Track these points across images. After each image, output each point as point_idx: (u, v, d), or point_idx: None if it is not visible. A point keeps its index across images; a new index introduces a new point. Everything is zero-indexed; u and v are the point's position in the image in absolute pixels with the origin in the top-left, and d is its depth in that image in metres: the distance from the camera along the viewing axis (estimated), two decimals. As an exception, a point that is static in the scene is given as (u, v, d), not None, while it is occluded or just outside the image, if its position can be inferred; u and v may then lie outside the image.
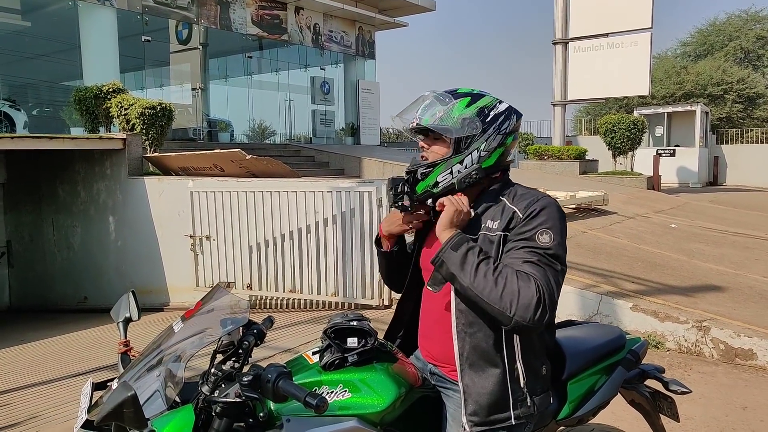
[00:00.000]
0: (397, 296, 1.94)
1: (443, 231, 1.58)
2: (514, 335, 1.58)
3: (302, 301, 6.47)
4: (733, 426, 3.41)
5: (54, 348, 6.25)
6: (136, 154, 8.22)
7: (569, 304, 4.93)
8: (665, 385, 1.96)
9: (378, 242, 1.92)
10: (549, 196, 1.65)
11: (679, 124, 20.08)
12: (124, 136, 8.13)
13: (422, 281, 1.81)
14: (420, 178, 1.65)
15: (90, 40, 12.70)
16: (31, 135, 8.26)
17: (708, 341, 4.42)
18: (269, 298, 6.65)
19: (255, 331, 1.72)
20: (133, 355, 1.69)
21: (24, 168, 9.41)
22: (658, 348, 4.56)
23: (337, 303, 6.21)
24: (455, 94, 1.68)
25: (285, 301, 6.61)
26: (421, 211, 1.74)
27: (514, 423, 1.58)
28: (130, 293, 1.83)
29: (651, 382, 2.02)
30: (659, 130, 19.97)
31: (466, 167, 1.63)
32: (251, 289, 6.57)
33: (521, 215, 1.57)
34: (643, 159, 16.38)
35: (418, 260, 1.84)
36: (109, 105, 9.25)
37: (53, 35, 14.84)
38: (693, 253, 7.07)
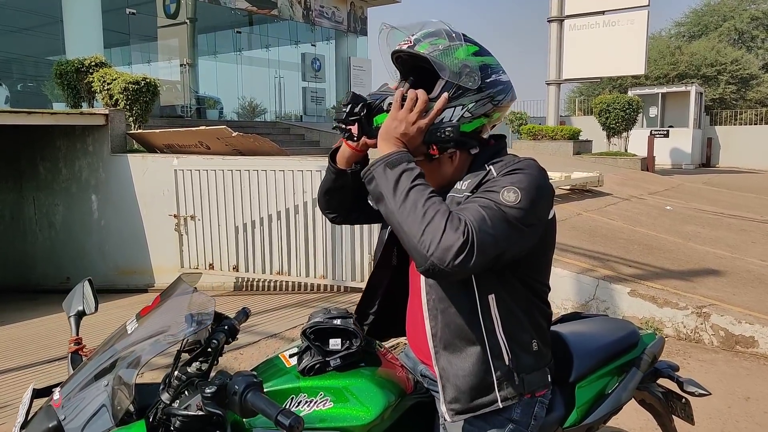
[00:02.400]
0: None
1: (384, 141, 1.33)
2: (491, 304, 1.36)
3: (290, 284, 6.28)
4: (736, 418, 3.28)
5: (33, 331, 6.05)
6: (119, 131, 7.94)
7: (566, 289, 4.78)
8: (680, 385, 1.79)
9: (333, 156, 1.58)
10: (536, 161, 1.39)
11: (674, 104, 19.89)
12: (107, 112, 7.85)
13: (403, 252, 1.55)
14: (385, 108, 1.38)
15: (72, 13, 12.27)
16: (8, 110, 7.95)
17: (708, 328, 4.28)
18: (256, 280, 6.46)
19: (225, 327, 1.53)
20: (85, 355, 1.49)
21: (3, 144, 9.09)
22: (656, 335, 4.42)
23: (326, 285, 6.03)
24: (465, 38, 1.43)
25: (273, 284, 6.42)
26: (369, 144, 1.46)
27: (501, 406, 1.37)
28: (86, 282, 1.62)
29: (664, 381, 1.85)
30: (653, 111, 19.79)
31: (442, 120, 1.36)
32: (237, 270, 6.37)
33: (495, 174, 1.34)
34: (637, 140, 16.20)
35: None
36: (91, 79, 8.92)
37: (35, 8, 14.37)
38: (689, 235, 6.94)
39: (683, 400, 1.82)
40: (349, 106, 1.38)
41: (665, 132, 16.93)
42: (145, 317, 1.32)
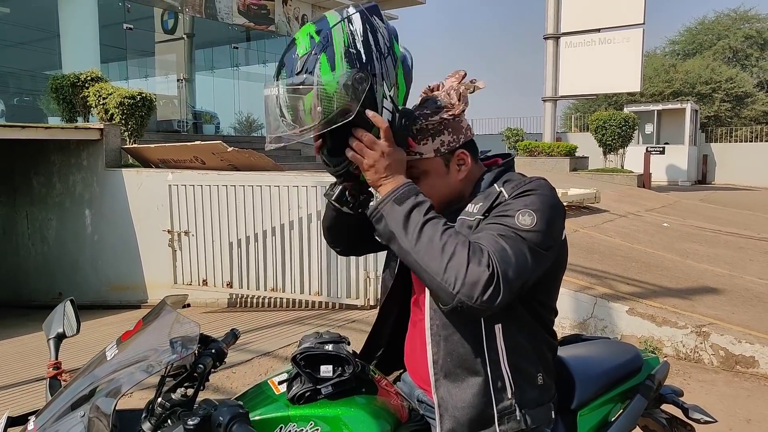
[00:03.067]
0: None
1: (381, 180, 1.26)
2: (497, 333, 1.30)
3: (285, 301, 6.20)
4: (739, 441, 3.21)
5: (21, 348, 5.94)
6: (114, 145, 7.89)
7: (563, 307, 4.72)
8: (685, 411, 1.73)
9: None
10: (546, 180, 1.35)
11: (669, 122, 19.99)
12: (102, 126, 7.81)
13: (409, 283, 1.53)
14: (356, 172, 1.31)
15: (69, 28, 12.28)
16: (2, 124, 7.90)
17: (707, 347, 4.22)
18: (250, 296, 6.38)
19: (213, 350, 1.46)
20: (64, 380, 1.42)
21: (-4, 158, 9.03)
22: (655, 354, 4.35)
23: (321, 302, 5.95)
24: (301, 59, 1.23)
25: (267, 300, 6.34)
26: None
27: None
28: (67, 302, 1.56)
29: (668, 407, 1.79)
30: (649, 128, 19.88)
31: (390, 120, 1.27)
32: (231, 287, 6.29)
33: (507, 195, 1.29)
34: (633, 156, 16.24)
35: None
36: (86, 94, 8.90)
37: (32, 23, 14.37)
38: (687, 253, 6.89)
39: (688, 427, 1.76)
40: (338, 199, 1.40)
41: (661, 149, 16.97)
42: (126, 342, 1.25)
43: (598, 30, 14.95)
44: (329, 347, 1.33)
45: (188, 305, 6.81)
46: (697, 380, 3.97)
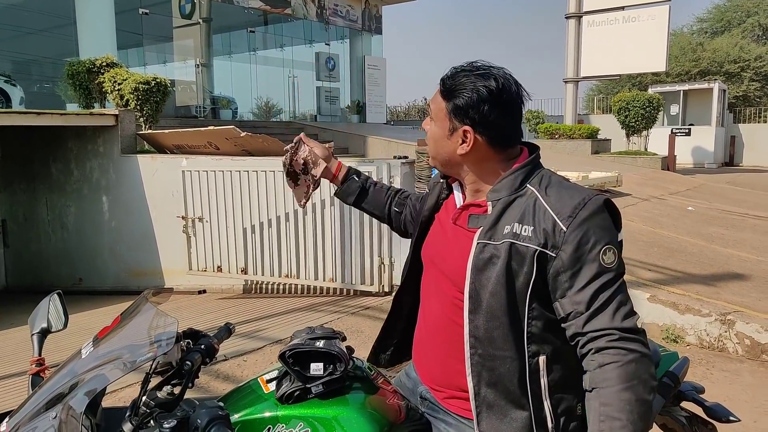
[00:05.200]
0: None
1: None
2: (541, 365, 1.26)
3: (300, 287, 6.17)
4: (765, 435, 3.08)
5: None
6: (130, 131, 7.88)
7: (582, 294, 4.59)
8: (705, 409, 1.62)
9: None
10: (591, 190, 1.30)
11: (695, 102, 19.44)
12: (116, 112, 7.79)
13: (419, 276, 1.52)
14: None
15: (85, 14, 12.29)
16: (19, 111, 7.95)
17: (732, 336, 4.07)
18: (265, 283, 6.36)
19: (202, 346, 1.39)
20: (45, 377, 1.36)
21: (17, 145, 9.11)
22: (677, 343, 4.22)
23: (335, 289, 5.90)
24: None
25: (282, 287, 6.31)
26: None
27: None
28: (54, 296, 1.50)
29: (688, 404, 1.68)
30: (674, 109, 19.35)
31: None
32: (246, 273, 6.27)
33: (564, 227, 1.21)
34: (657, 138, 15.83)
35: (419, 248, 1.51)
36: (102, 80, 8.89)
37: (49, 9, 14.44)
38: (712, 237, 6.69)
39: (709, 426, 1.65)
40: None
41: (687, 130, 16.52)
42: (102, 339, 1.18)
43: (622, 8, 14.51)
44: (320, 344, 1.25)
45: (204, 291, 6.82)
46: (720, 370, 3.84)
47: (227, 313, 5.55)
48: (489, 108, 1.29)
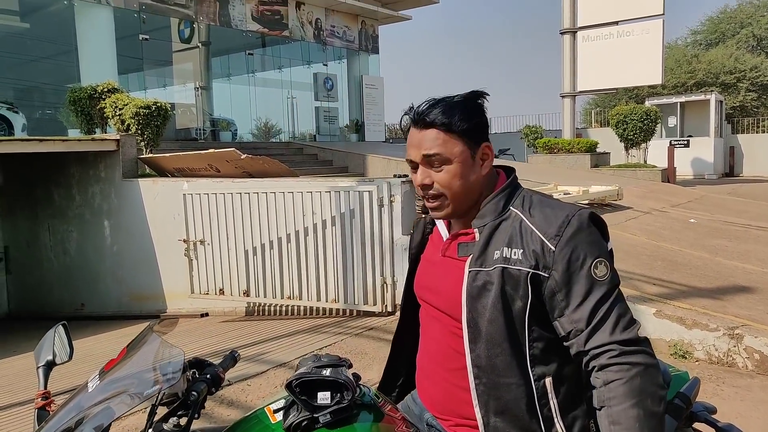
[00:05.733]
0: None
1: None
2: (548, 387, 1.25)
3: (302, 308, 6.14)
4: (777, 451, 3.04)
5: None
6: (131, 156, 7.91)
7: (587, 310, 4.56)
8: (718, 430, 1.59)
9: None
10: (574, 205, 1.30)
11: (693, 113, 19.53)
12: (118, 137, 7.83)
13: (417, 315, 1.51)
14: None
15: (87, 41, 12.44)
16: (21, 138, 7.99)
17: (741, 350, 4.03)
18: (267, 305, 6.33)
19: (208, 375, 1.38)
20: (53, 411, 1.35)
21: (20, 171, 9.14)
22: (686, 358, 4.18)
23: (338, 310, 5.87)
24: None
25: (284, 308, 6.28)
26: None
27: None
28: (59, 327, 1.48)
29: (700, 425, 1.65)
30: (672, 121, 19.44)
31: None
32: (248, 295, 6.24)
33: (552, 246, 1.22)
34: (656, 151, 15.88)
35: (411, 284, 1.51)
36: (103, 105, 8.96)
37: (51, 36, 14.60)
38: (716, 249, 6.66)
39: (722, 446, 1.62)
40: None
41: (685, 142, 16.58)
42: (109, 372, 1.17)
43: (616, 23, 14.66)
44: (327, 372, 1.24)
45: (206, 314, 6.79)
46: (731, 386, 3.79)
47: (230, 336, 5.51)
48: (484, 118, 1.34)
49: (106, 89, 9.15)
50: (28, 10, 13.60)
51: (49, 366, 1.40)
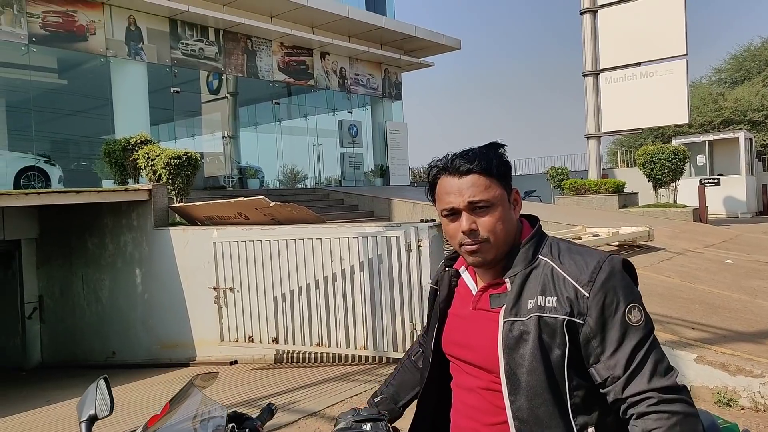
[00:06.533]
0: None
1: None
2: None
3: (330, 355, 6.09)
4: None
5: (74, 410, 5.97)
6: (162, 205, 8.09)
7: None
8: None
9: None
10: (604, 253, 1.29)
11: (722, 152, 19.29)
12: (150, 187, 8.03)
13: (446, 368, 1.46)
14: None
15: (121, 95, 12.96)
16: (58, 190, 8.24)
17: (789, 397, 3.85)
18: (295, 352, 6.30)
19: (246, 430, 1.37)
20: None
21: (55, 222, 9.41)
22: (731, 407, 4.01)
23: (366, 357, 5.80)
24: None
25: (312, 355, 6.24)
26: None
27: None
28: (100, 381, 1.50)
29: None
30: (701, 159, 19.22)
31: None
32: (277, 342, 6.22)
33: (586, 293, 1.21)
34: (686, 190, 15.66)
35: (439, 341, 1.47)
36: (136, 156, 9.25)
37: (88, 91, 15.25)
38: (755, 291, 6.46)
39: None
40: None
41: (716, 180, 16.31)
42: (153, 428, 1.17)
43: (639, 64, 14.72)
44: (366, 427, 1.22)
45: (235, 362, 6.77)
46: (780, 435, 3.61)
47: (260, 384, 5.47)
48: (510, 164, 1.38)
49: (139, 141, 9.47)
50: (66, 67, 14.26)
51: (92, 420, 1.41)
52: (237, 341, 6.43)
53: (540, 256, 1.31)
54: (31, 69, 12.44)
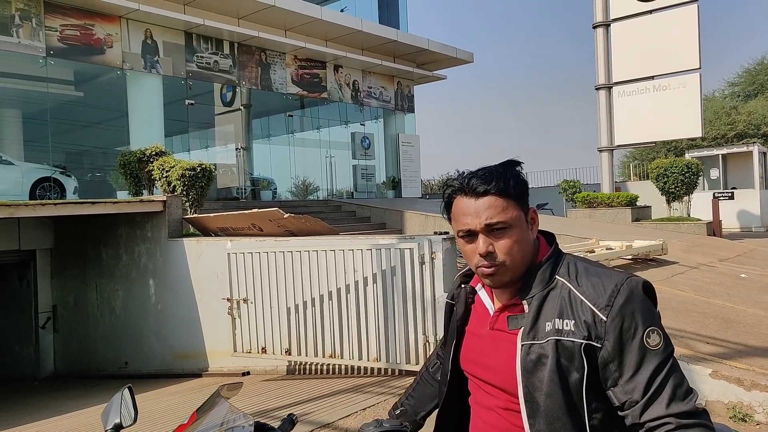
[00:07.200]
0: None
1: None
2: None
3: (343, 367, 6.09)
4: None
5: (87, 420, 6.02)
6: (176, 216, 8.17)
7: (638, 371, 4.39)
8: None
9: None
10: (622, 273, 1.29)
11: (736, 165, 19.16)
12: (164, 198, 8.11)
13: (464, 382, 1.47)
14: None
15: (137, 107, 13.13)
16: (73, 201, 8.35)
17: (807, 414, 3.81)
18: (308, 363, 6.30)
19: (269, 441, 1.39)
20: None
21: (70, 232, 9.52)
22: (746, 422, 3.97)
23: (379, 369, 5.80)
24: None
25: (325, 367, 6.24)
26: None
27: None
28: (125, 390, 1.53)
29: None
30: (714, 173, 19.10)
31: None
32: (290, 354, 6.23)
33: (603, 317, 1.21)
34: (700, 203, 15.54)
35: (457, 357, 1.47)
36: (151, 168, 9.36)
37: (104, 103, 15.47)
38: (771, 306, 6.40)
39: None
40: None
41: (730, 194, 16.17)
42: (179, 437, 1.20)
43: (652, 77, 14.70)
44: (389, 440, 1.24)
45: (248, 373, 6.79)
46: (798, 452, 3.57)
47: (272, 395, 5.49)
48: (527, 184, 1.36)
49: (153, 152, 9.58)
50: (83, 80, 14.49)
51: (117, 429, 1.44)
52: (250, 352, 6.45)
53: (557, 276, 1.30)
54: (49, 81, 12.65)
